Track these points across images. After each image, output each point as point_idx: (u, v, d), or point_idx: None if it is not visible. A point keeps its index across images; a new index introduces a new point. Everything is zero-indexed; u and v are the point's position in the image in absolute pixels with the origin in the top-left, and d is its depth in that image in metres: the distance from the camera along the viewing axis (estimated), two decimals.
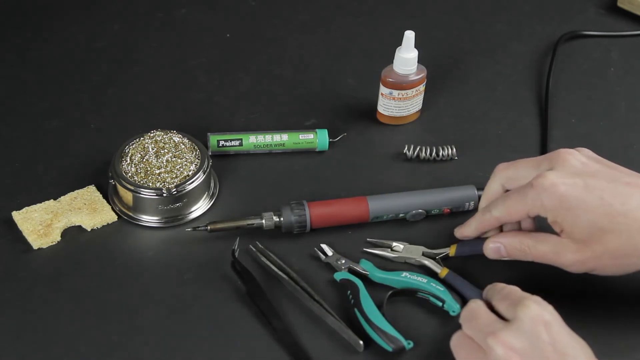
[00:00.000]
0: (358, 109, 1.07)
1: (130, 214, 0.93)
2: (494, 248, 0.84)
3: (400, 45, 0.99)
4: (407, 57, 0.99)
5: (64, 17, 1.21)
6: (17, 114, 1.06)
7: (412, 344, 0.80)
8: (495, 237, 0.84)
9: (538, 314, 0.71)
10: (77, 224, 0.92)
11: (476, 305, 0.76)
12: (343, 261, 0.88)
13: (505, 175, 0.84)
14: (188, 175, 0.91)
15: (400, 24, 1.06)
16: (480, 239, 0.87)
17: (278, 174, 0.99)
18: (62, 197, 0.93)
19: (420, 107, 1.05)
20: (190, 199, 0.92)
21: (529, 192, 0.79)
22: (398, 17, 1.23)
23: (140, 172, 0.91)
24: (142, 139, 0.93)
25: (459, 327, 0.76)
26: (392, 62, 1.00)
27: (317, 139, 1.01)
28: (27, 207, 0.92)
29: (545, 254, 0.80)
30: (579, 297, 0.85)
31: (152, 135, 0.93)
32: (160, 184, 0.90)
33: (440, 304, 0.84)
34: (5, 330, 0.82)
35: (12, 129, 1.04)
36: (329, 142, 1.01)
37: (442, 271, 0.87)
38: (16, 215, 0.91)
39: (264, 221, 0.89)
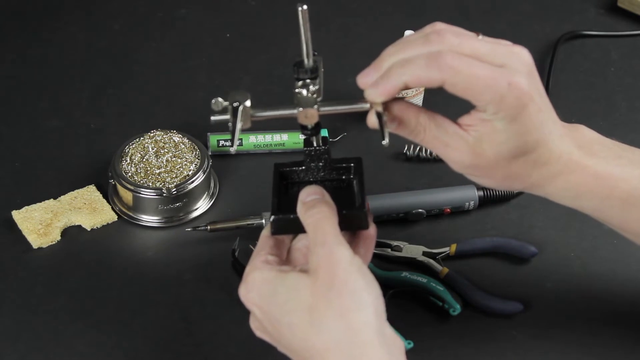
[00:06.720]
0: None
1: (130, 213, 0.93)
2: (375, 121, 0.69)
3: None
4: None
5: (64, 17, 1.21)
6: (17, 114, 1.06)
7: (412, 344, 0.80)
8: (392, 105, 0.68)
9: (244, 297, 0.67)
10: (77, 224, 0.92)
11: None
12: None
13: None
14: (188, 175, 0.91)
15: (400, 24, 1.06)
16: (481, 238, 0.87)
17: None
18: (62, 196, 0.93)
19: None
20: (190, 199, 0.92)
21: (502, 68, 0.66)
22: (398, 17, 1.23)
23: (140, 172, 0.91)
24: (142, 139, 0.93)
25: (459, 327, 0.76)
26: None
27: None
28: (27, 207, 0.92)
29: (434, 141, 0.68)
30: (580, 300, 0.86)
31: (152, 135, 0.93)
32: (160, 183, 0.90)
33: (440, 303, 0.84)
34: (5, 330, 0.82)
35: (12, 129, 1.04)
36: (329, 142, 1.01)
37: (442, 271, 0.87)
38: (16, 215, 0.91)
39: (263, 221, 0.89)
